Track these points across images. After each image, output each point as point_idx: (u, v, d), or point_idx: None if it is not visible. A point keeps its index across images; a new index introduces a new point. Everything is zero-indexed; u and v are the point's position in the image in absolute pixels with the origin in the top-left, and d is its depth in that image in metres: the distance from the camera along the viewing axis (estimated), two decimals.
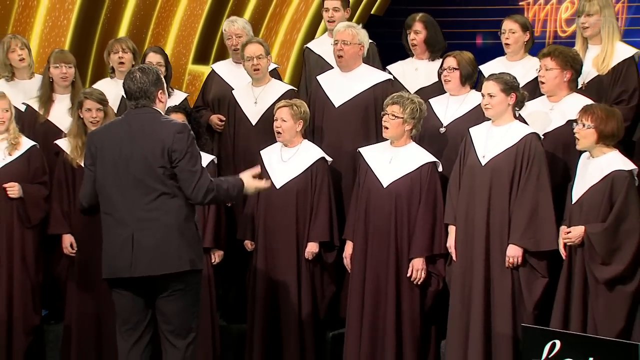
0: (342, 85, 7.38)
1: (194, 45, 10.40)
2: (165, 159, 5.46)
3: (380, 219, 6.72)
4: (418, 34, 7.65)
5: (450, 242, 6.59)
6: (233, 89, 7.74)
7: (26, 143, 7.06)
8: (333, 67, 7.59)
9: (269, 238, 7.03)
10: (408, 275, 6.68)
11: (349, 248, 6.91)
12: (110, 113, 7.05)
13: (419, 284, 6.70)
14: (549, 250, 6.34)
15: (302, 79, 8.16)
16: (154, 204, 5.47)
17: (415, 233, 6.68)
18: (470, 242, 6.47)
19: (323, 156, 7.06)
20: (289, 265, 6.98)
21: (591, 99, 6.64)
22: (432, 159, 6.75)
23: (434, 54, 7.67)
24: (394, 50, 8.04)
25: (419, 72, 7.65)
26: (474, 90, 7.08)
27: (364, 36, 7.38)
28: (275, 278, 6.99)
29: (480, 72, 7.27)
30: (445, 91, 7.12)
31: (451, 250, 6.59)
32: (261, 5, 11.14)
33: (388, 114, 6.71)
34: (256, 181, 5.81)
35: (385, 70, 7.70)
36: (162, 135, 5.49)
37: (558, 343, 5.92)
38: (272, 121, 7.08)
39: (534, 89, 6.91)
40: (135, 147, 5.49)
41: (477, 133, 6.57)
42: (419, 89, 7.47)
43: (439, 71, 7.11)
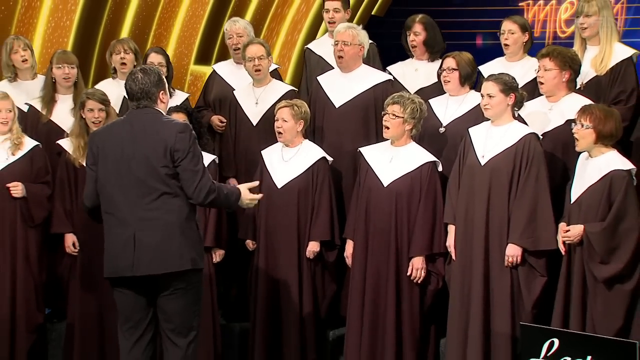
0: (343, 85, 7.38)
1: (196, 45, 10.40)
2: (167, 158, 5.46)
3: (381, 218, 6.73)
4: (417, 35, 7.66)
5: (450, 241, 6.60)
6: (234, 90, 7.73)
7: (29, 143, 7.07)
8: (333, 68, 7.59)
9: (270, 237, 7.03)
10: (408, 274, 6.68)
11: (349, 247, 6.91)
12: (112, 113, 7.05)
13: (418, 282, 6.70)
14: (548, 249, 6.34)
15: (303, 79, 8.15)
16: (156, 204, 5.48)
17: (415, 232, 6.69)
18: (469, 242, 6.48)
19: (324, 156, 7.06)
20: (290, 264, 6.99)
21: (590, 99, 6.65)
22: (432, 158, 6.75)
23: (434, 54, 7.67)
24: (394, 50, 8.04)
25: (419, 73, 7.66)
26: (473, 90, 7.08)
27: (364, 37, 7.38)
28: (277, 277, 6.99)
29: (480, 73, 7.27)
30: (445, 91, 7.13)
31: (451, 249, 6.59)
32: (262, 6, 11.16)
33: (389, 114, 6.72)
34: (251, 195, 5.79)
35: (385, 70, 7.71)
36: (164, 135, 5.49)
37: (556, 341, 5.93)
38: (273, 121, 7.08)
39: (533, 89, 6.92)
40: (137, 147, 5.49)
41: (477, 133, 6.58)
42: (418, 89, 7.47)
43: (439, 72, 7.11)
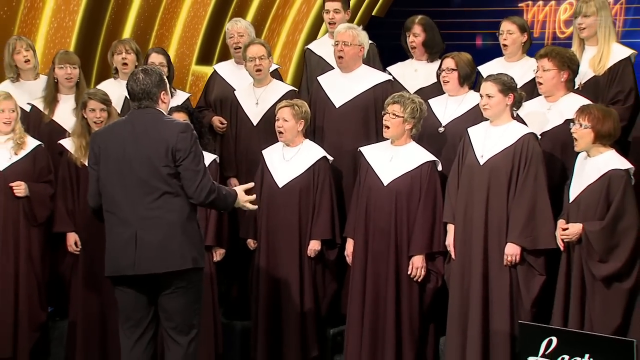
0: (343, 85, 7.39)
1: (198, 46, 10.41)
2: (169, 158, 5.49)
3: (381, 217, 6.74)
4: (417, 36, 7.68)
5: (449, 241, 6.61)
6: (235, 90, 7.74)
7: (31, 143, 7.10)
8: (334, 68, 7.60)
9: (272, 236, 7.05)
10: (408, 272, 6.70)
11: (350, 246, 6.93)
12: (113, 113, 7.07)
13: (418, 281, 6.72)
14: (547, 248, 6.35)
15: (303, 79, 8.16)
16: (157, 203, 5.50)
17: (415, 231, 6.70)
18: (468, 241, 6.49)
19: (325, 155, 7.08)
20: (291, 263, 7.00)
21: (588, 99, 6.66)
22: (432, 157, 6.76)
23: (433, 55, 7.69)
24: (394, 51, 8.05)
25: (418, 73, 7.67)
26: (472, 90, 7.09)
27: (364, 37, 7.39)
28: (278, 276, 7.01)
29: (479, 73, 7.29)
30: (444, 92, 7.15)
31: (450, 248, 6.60)
32: (264, 7, 11.17)
33: (389, 113, 6.73)
34: (247, 196, 5.82)
35: (385, 71, 7.72)
36: (166, 134, 5.51)
37: (554, 340, 5.96)
38: (274, 121, 7.10)
39: (532, 90, 6.93)
40: (138, 147, 5.52)
41: (476, 133, 6.59)
42: (418, 89, 7.48)
43: (438, 72, 7.12)
